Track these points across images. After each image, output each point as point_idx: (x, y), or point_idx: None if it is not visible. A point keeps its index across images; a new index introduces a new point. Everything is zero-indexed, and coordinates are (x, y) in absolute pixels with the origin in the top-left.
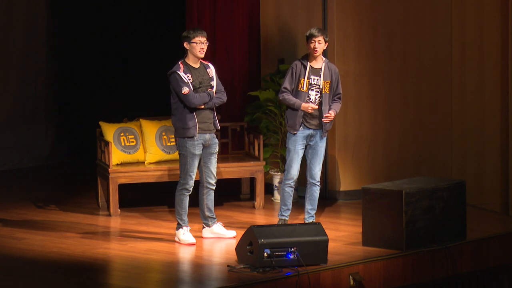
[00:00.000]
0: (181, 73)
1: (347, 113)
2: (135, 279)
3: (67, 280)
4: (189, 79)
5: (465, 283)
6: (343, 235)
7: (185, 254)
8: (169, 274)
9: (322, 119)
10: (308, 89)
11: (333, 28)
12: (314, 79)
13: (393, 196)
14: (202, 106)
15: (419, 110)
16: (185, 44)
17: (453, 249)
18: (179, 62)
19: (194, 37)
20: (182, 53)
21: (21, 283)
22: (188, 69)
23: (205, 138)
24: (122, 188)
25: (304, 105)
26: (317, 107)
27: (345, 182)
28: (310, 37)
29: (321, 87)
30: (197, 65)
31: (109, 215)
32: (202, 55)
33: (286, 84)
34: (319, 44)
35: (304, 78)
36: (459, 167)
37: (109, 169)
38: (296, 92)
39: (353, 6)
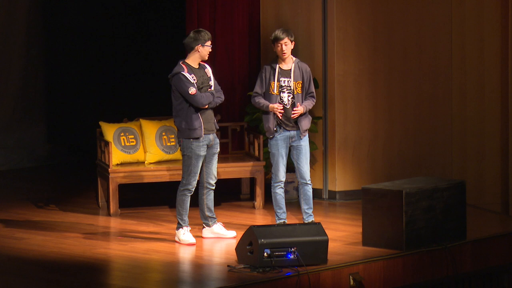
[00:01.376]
0: (186, 74)
1: (347, 113)
2: (135, 279)
3: (68, 280)
4: (194, 79)
5: (465, 283)
6: (343, 235)
7: (185, 254)
8: (169, 274)
9: (291, 115)
10: (280, 92)
11: (333, 28)
12: (284, 81)
13: (393, 196)
14: (207, 106)
15: (419, 110)
16: (198, 47)
17: (453, 249)
18: (180, 63)
19: (207, 40)
20: (182, 53)
21: (21, 283)
22: (191, 69)
23: (209, 138)
24: (122, 188)
25: (271, 105)
26: (281, 107)
27: (345, 182)
28: (275, 40)
29: (292, 88)
30: (197, 66)
31: (109, 215)
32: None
33: (257, 88)
34: (286, 46)
35: (274, 81)
36: (459, 167)
37: (109, 169)
38: (267, 96)
39: (353, 6)
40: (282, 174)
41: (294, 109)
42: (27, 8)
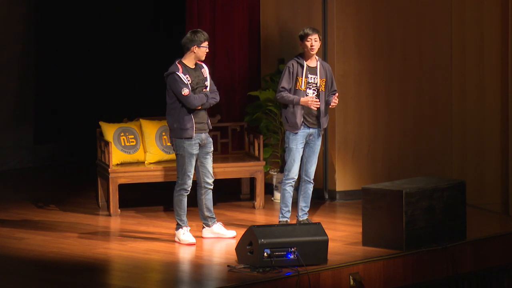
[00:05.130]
0: (181, 74)
1: (347, 113)
2: (135, 279)
3: (67, 280)
4: (188, 80)
5: (465, 283)
6: (343, 235)
7: (185, 254)
8: (169, 274)
9: (331, 105)
10: (306, 88)
11: (333, 28)
12: (311, 77)
13: (393, 196)
14: (200, 107)
15: (419, 110)
16: (194, 48)
17: (453, 249)
18: (176, 63)
19: (204, 41)
20: (182, 53)
21: (21, 283)
22: (186, 69)
23: (201, 137)
24: (122, 188)
25: (303, 99)
26: (318, 101)
27: (345, 182)
28: (305, 36)
29: (318, 85)
30: (193, 66)
31: (109, 215)
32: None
33: (284, 83)
34: (316, 42)
35: (302, 77)
36: (459, 167)
37: (109, 169)
38: (294, 92)
39: (353, 6)
40: (295, 172)
41: (333, 100)
42: (24, 8)
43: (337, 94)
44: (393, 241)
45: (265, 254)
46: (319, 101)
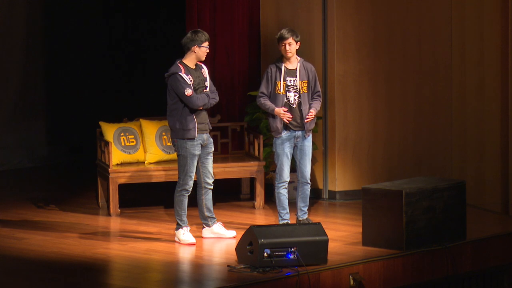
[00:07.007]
0: (183, 74)
1: (347, 113)
2: (135, 279)
3: (67, 280)
4: (191, 80)
5: (465, 283)
6: (343, 235)
7: (185, 254)
8: (169, 274)
9: (305, 120)
10: (286, 91)
11: (333, 28)
12: (290, 80)
13: (393, 196)
14: (201, 107)
15: (419, 110)
16: (195, 47)
17: (453, 249)
18: (177, 63)
19: (204, 41)
20: (182, 53)
21: (21, 283)
22: (188, 70)
23: (203, 138)
24: (122, 188)
25: (277, 110)
26: (291, 117)
27: (345, 182)
28: (280, 40)
29: (298, 87)
30: (193, 66)
31: (109, 215)
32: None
33: (263, 88)
34: (290, 46)
35: (280, 81)
36: (459, 167)
37: (109, 169)
38: (274, 95)
39: (353, 6)
40: (286, 174)
41: (308, 115)
42: (26, 9)
43: (312, 109)
44: (393, 241)
45: (265, 254)
46: (291, 115)
